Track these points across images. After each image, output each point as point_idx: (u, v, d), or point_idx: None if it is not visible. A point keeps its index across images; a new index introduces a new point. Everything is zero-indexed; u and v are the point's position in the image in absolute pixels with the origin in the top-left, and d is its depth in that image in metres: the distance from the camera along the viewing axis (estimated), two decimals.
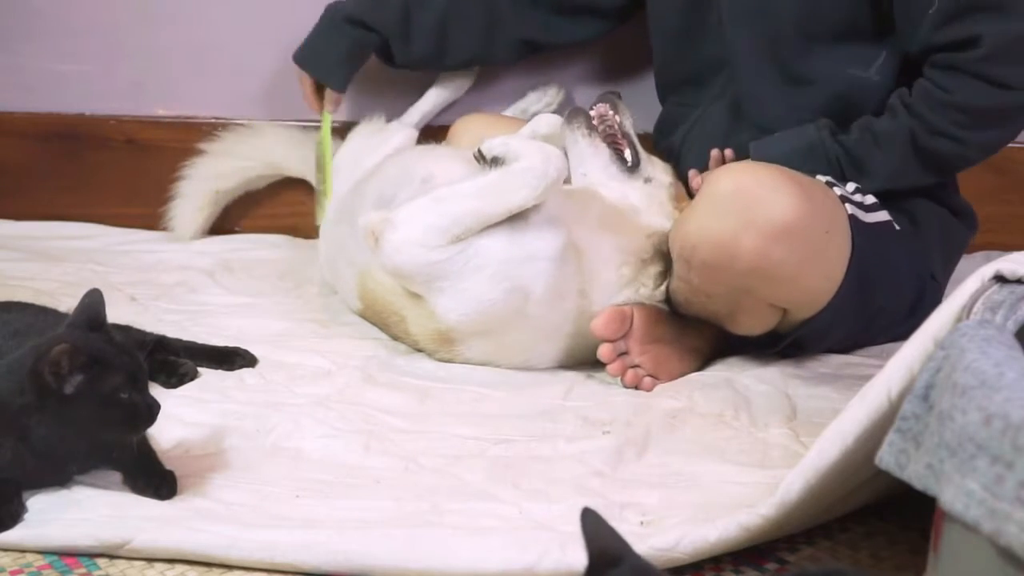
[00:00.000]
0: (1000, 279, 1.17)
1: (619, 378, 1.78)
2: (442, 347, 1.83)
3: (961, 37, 1.73)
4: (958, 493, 0.92)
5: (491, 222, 1.74)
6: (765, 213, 1.61)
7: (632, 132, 1.97)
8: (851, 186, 1.81)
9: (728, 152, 1.93)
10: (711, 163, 1.94)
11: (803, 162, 1.80)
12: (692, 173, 1.94)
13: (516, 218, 1.76)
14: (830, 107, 1.88)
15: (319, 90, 2.27)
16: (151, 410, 1.35)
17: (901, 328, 1.48)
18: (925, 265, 1.88)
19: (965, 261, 2.00)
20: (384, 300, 1.87)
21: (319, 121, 2.30)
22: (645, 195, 1.90)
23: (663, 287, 1.81)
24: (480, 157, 1.82)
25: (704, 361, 1.88)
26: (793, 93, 1.89)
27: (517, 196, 1.73)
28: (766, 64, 1.90)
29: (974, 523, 0.90)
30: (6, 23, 2.48)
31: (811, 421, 1.60)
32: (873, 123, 1.83)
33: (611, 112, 1.95)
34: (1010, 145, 2.00)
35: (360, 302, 1.95)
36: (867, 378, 1.25)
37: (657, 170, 1.96)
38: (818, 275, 1.70)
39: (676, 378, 1.81)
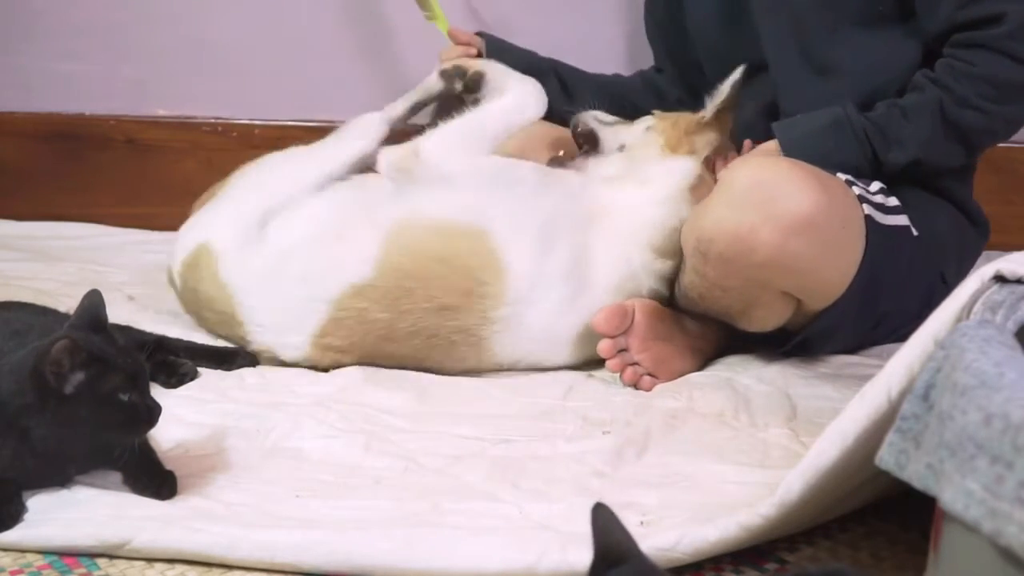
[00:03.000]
0: (1000, 279, 1.17)
1: (618, 375, 1.78)
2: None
3: (984, 15, 1.75)
4: (958, 493, 0.92)
5: (511, 133, 1.92)
6: (783, 206, 1.62)
7: (594, 123, 2.01)
8: (875, 186, 1.81)
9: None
10: (744, 151, 1.94)
11: (830, 138, 1.81)
12: (747, 143, 1.96)
13: None
14: (859, 95, 1.87)
15: None
16: (152, 412, 1.35)
17: (907, 330, 1.48)
18: (937, 270, 1.88)
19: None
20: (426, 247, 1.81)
21: (317, 122, 2.30)
22: (623, 162, 1.93)
23: (666, 269, 1.82)
24: (452, 75, 1.96)
25: (704, 361, 1.88)
26: (822, 82, 1.90)
27: (528, 112, 1.94)
28: (794, 54, 1.91)
29: (974, 523, 0.90)
30: (7, 23, 2.48)
31: (811, 421, 1.60)
32: (899, 100, 1.83)
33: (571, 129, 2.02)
34: (1010, 145, 2.00)
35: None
36: (867, 378, 1.25)
37: (628, 133, 1.98)
38: (833, 268, 1.71)
39: (676, 377, 1.81)
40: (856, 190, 1.77)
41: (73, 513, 1.34)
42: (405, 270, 1.78)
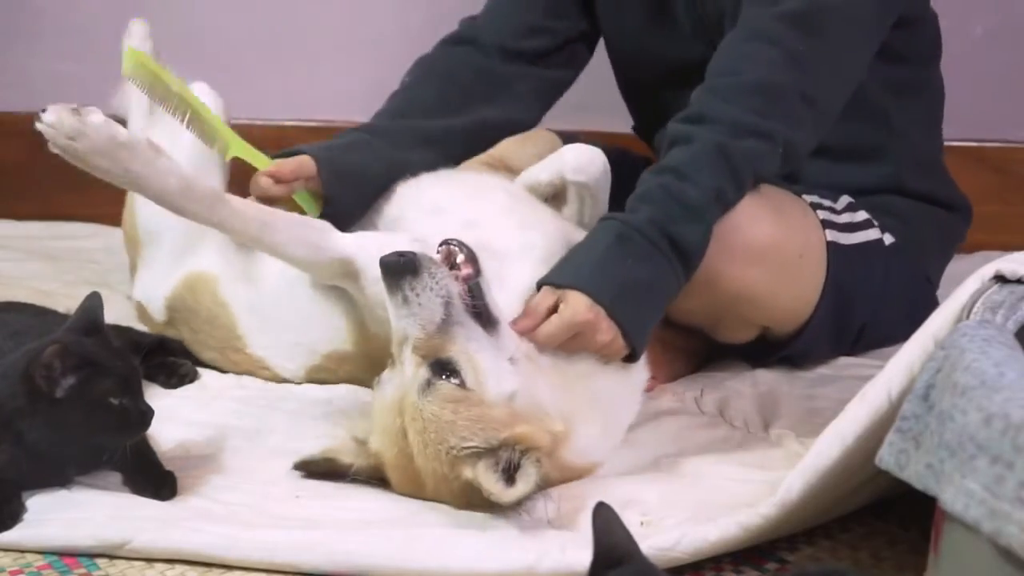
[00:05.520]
0: (1000, 279, 1.17)
1: None
2: None
3: None
4: (958, 493, 0.92)
5: None
6: (740, 237, 1.61)
7: None
8: (843, 202, 1.81)
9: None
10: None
11: (622, 255, 1.49)
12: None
13: None
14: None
15: None
16: (144, 416, 1.35)
17: (896, 334, 1.48)
18: (918, 272, 1.88)
19: (966, 261, 1.99)
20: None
21: (317, 122, 2.30)
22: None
23: None
24: None
25: (702, 361, 1.88)
26: None
27: None
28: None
29: (974, 523, 0.90)
30: (7, 23, 2.48)
31: (811, 421, 1.60)
32: (668, 164, 1.55)
33: None
34: (1010, 144, 2.00)
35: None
36: (867, 378, 1.26)
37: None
38: (792, 296, 1.73)
39: (675, 378, 1.81)
40: (821, 214, 1.76)
41: (73, 513, 1.34)
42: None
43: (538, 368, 1.42)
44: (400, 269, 1.37)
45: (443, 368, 1.35)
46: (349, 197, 1.71)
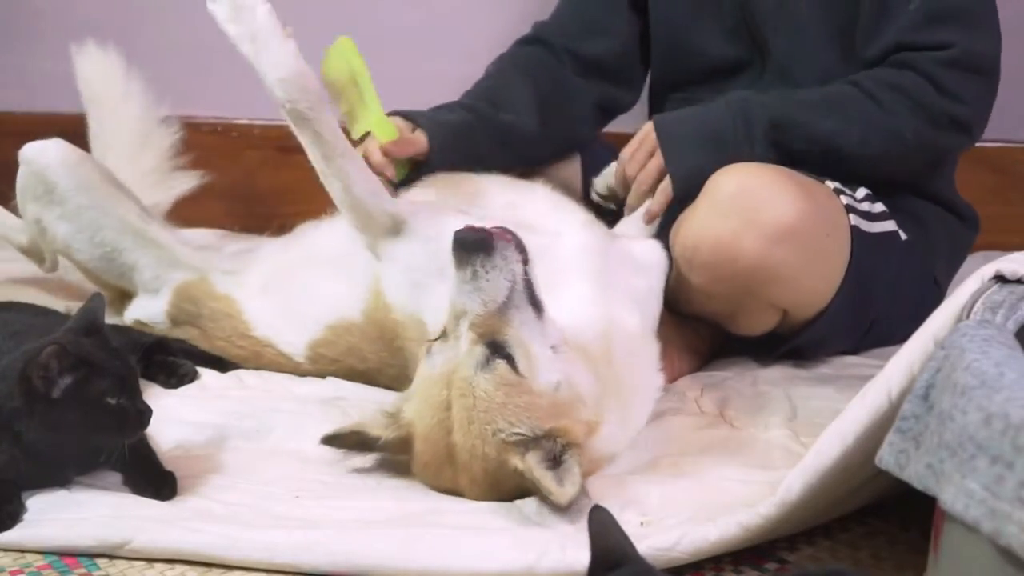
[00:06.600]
0: (1000, 279, 1.17)
1: None
2: None
3: (931, 41, 1.74)
4: (958, 493, 0.92)
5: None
6: (767, 214, 1.62)
7: None
8: (861, 192, 1.81)
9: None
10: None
11: (707, 113, 1.78)
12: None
13: None
14: None
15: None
16: (141, 416, 1.35)
17: (900, 333, 1.49)
18: (927, 272, 1.88)
19: (966, 261, 2.00)
20: None
21: None
22: None
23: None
24: None
25: (703, 361, 1.88)
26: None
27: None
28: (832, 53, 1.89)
29: (974, 523, 0.90)
30: (8, 23, 2.48)
31: (811, 421, 1.60)
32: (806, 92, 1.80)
33: None
34: (1010, 144, 1.99)
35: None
36: (867, 378, 1.26)
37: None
38: (817, 277, 1.71)
39: (676, 378, 1.81)
40: (843, 199, 1.77)
41: (73, 513, 1.34)
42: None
43: (575, 355, 1.42)
44: (474, 245, 1.37)
45: (497, 350, 1.36)
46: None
